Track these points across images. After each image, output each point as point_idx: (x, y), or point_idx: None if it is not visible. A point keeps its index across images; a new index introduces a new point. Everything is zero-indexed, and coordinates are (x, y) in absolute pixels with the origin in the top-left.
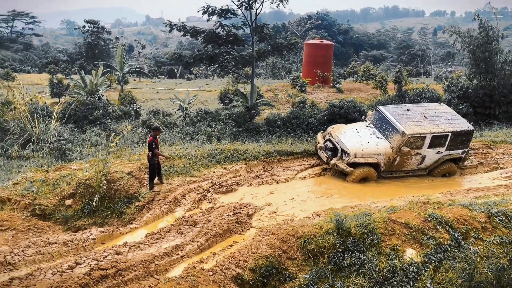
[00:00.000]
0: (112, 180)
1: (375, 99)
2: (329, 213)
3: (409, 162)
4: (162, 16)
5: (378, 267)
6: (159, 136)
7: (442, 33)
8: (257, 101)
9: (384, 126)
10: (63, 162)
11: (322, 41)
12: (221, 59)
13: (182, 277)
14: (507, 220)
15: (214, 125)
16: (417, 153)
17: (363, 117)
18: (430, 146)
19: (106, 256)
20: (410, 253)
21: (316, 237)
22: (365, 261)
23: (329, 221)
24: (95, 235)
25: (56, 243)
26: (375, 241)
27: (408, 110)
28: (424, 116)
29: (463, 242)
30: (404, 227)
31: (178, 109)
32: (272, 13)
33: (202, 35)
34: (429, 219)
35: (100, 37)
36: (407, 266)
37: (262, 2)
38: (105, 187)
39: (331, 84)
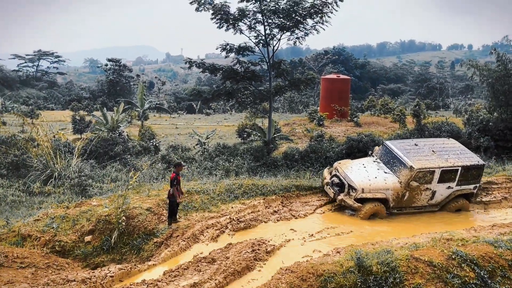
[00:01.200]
0: (131, 216)
1: (394, 132)
2: (349, 250)
3: (419, 197)
4: (181, 53)
5: None
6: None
7: (460, 67)
8: (275, 135)
9: (391, 161)
10: (83, 198)
11: (339, 76)
12: (239, 94)
13: None
14: None
15: (232, 159)
16: (427, 188)
17: (369, 152)
18: (440, 181)
19: None
20: None
21: (337, 275)
22: None
23: (350, 258)
24: (113, 273)
25: (74, 280)
26: (398, 280)
27: (415, 145)
28: (433, 151)
29: (489, 281)
30: (428, 265)
31: (197, 144)
32: (289, 49)
33: (221, 72)
34: (453, 256)
35: (122, 74)
36: None
37: (279, 40)
38: (124, 223)
39: (349, 118)
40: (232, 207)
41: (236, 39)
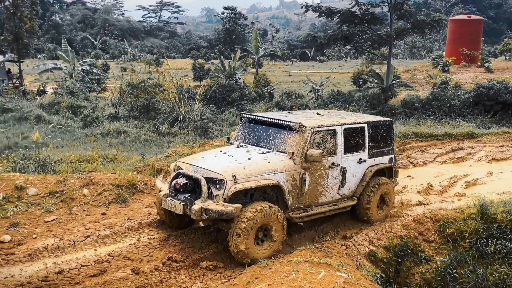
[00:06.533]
0: None
1: None
2: (472, 198)
3: (325, 184)
4: None
5: None
6: None
7: None
8: (393, 82)
9: (265, 136)
10: (206, 139)
11: (470, 17)
12: (356, 39)
13: (317, 247)
14: None
15: (347, 106)
16: (333, 163)
17: (228, 139)
18: (346, 151)
19: None
20: None
21: (457, 221)
22: None
23: (472, 205)
24: None
25: None
26: None
27: (290, 112)
28: (317, 113)
29: None
30: None
31: (310, 91)
32: None
33: (338, 15)
34: None
35: (237, 22)
36: None
37: None
38: None
39: (479, 64)
40: None
41: None
